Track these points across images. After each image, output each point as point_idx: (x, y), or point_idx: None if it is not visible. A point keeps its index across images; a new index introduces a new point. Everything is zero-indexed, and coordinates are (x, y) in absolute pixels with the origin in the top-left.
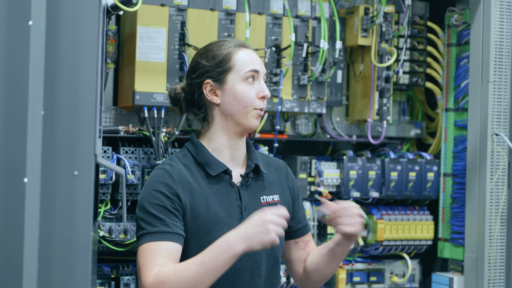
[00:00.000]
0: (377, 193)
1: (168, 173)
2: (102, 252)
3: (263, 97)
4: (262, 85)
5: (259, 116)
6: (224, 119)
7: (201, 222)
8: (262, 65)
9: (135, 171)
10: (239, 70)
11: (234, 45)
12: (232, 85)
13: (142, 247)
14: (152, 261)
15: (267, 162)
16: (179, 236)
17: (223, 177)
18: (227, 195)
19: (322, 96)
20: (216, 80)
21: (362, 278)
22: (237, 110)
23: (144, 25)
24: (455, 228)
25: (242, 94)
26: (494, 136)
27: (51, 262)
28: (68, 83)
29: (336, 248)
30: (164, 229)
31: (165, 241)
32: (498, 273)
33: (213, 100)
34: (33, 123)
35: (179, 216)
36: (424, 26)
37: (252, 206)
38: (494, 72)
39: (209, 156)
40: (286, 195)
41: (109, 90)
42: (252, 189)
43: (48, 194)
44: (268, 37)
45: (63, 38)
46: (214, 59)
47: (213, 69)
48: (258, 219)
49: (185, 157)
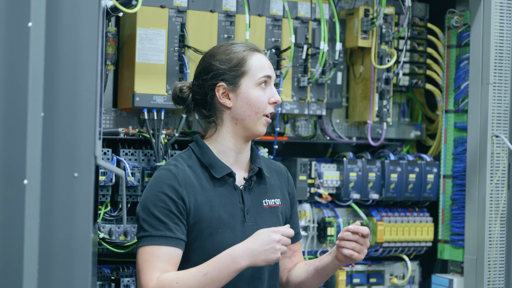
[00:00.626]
0: (377, 195)
1: (173, 174)
2: (102, 254)
3: (275, 102)
4: (273, 91)
5: (267, 123)
6: (234, 123)
7: (205, 224)
8: (273, 71)
9: (135, 173)
10: (253, 75)
11: (248, 48)
12: (246, 90)
13: (144, 249)
14: (153, 266)
15: (269, 166)
16: (181, 242)
17: (227, 180)
18: (230, 197)
19: (322, 98)
20: (230, 83)
21: (362, 280)
22: (248, 115)
23: (143, 26)
24: (455, 230)
25: (255, 100)
26: (494, 137)
27: (51, 264)
28: (68, 84)
29: (325, 268)
30: (167, 233)
31: (167, 246)
32: (497, 274)
33: (226, 103)
34: (33, 125)
35: (182, 220)
36: (424, 27)
37: (254, 209)
38: (494, 74)
39: (214, 158)
40: (286, 199)
41: (108, 91)
42: (255, 193)
43: (48, 196)
44: (268, 39)
45: (63, 40)
46: (229, 62)
47: (227, 72)
48: (267, 238)
49: (190, 157)
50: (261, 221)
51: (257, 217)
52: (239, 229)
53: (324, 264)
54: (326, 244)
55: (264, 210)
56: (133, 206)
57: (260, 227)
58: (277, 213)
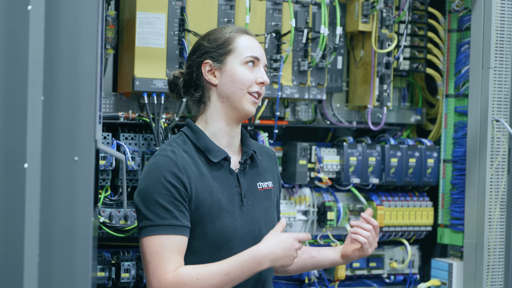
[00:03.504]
0: (377, 179)
1: (172, 160)
2: (102, 238)
3: (262, 83)
4: (262, 72)
5: (255, 104)
6: (220, 101)
7: (205, 210)
8: (263, 54)
9: (135, 157)
10: (240, 54)
11: (237, 30)
12: (231, 67)
13: (151, 240)
14: (166, 257)
15: (258, 149)
16: (187, 229)
17: (223, 164)
18: (227, 182)
19: (322, 82)
20: (216, 60)
21: (362, 264)
22: (233, 92)
23: (143, 10)
24: (454, 214)
25: (240, 76)
26: (494, 122)
27: (52, 248)
28: (68, 68)
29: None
30: (173, 222)
31: (175, 235)
32: (497, 258)
33: (211, 80)
34: (33, 109)
35: (186, 206)
36: (424, 11)
37: (250, 192)
38: (495, 58)
39: (210, 142)
40: (276, 181)
41: (108, 76)
42: (249, 176)
43: (48, 180)
44: (268, 23)
45: (63, 24)
46: (216, 41)
47: (213, 50)
48: (290, 245)
49: (185, 143)
50: (258, 204)
51: (254, 200)
52: (238, 213)
53: (323, 257)
54: (326, 228)
55: (259, 193)
56: (133, 191)
57: (256, 210)
58: (270, 196)
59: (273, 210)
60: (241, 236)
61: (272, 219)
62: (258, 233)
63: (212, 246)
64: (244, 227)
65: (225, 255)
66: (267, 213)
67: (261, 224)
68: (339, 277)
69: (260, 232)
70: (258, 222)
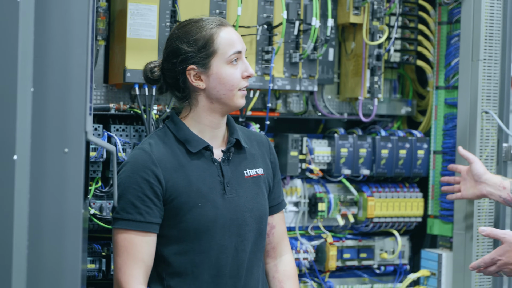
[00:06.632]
0: (368, 171)
1: (147, 153)
2: (93, 230)
3: (248, 76)
4: (245, 64)
5: (244, 96)
6: (209, 101)
7: (183, 199)
8: (242, 43)
9: (126, 148)
10: (223, 53)
11: (214, 25)
12: (217, 70)
13: (119, 232)
14: (132, 258)
15: (249, 136)
16: (151, 225)
17: (204, 153)
18: (209, 171)
19: (314, 74)
20: (201, 65)
21: (353, 255)
22: (223, 94)
23: (135, 2)
24: (444, 205)
25: (228, 78)
26: (483, 114)
27: (42, 240)
28: (58, 60)
29: None
30: (137, 217)
31: (142, 232)
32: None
33: (199, 85)
34: (23, 100)
35: (155, 202)
36: (415, 4)
37: (235, 180)
38: (485, 50)
39: (189, 133)
40: (269, 168)
41: (99, 67)
42: (235, 164)
43: (38, 171)
44: (259, 15)
45: (53, 15)
46: (196, 43)
47: (196, 55)
48: None
49: (166, 134)
50: (243, 192)
51: (238, 188)
52: (220, 201)
53: None
54: (317, 219)
55: (246, 181)
56: None
57: (241, 198)
58: (259, 183)
59: (261, 197)
60: (222, 225)
61: (260, 206)
62: (241, 221)
63: (191, 235)
64: (226, 215)
65: (205, 244)
66: (254, 201)
67: (245, 212)
68: (330, 268)
69: (244, 220)
70: (242, 210)
